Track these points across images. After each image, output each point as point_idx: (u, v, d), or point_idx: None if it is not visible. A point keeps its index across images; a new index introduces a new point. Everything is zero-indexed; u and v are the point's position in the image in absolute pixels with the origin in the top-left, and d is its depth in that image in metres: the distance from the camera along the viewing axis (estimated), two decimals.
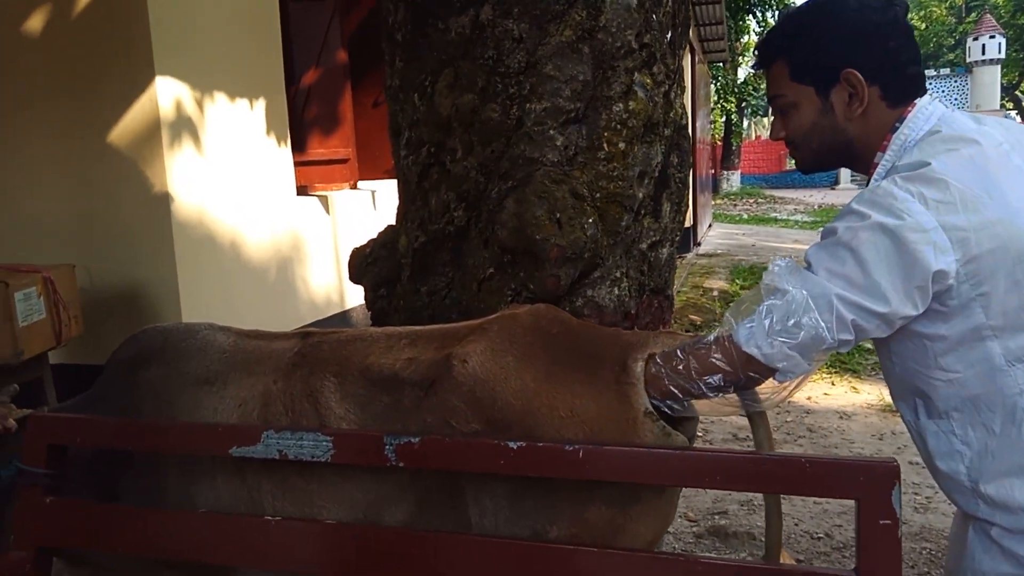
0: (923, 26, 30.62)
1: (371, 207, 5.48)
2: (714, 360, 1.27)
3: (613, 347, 1.43)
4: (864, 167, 1.33)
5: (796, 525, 3.22)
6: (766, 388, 1.33)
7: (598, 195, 1.78)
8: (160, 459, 1.61)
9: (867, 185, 1.29)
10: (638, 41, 1.79)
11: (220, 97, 3.95)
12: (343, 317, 5.14)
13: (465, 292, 1.86)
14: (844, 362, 5.54)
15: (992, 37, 23.64)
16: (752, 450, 1.31)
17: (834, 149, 1.35)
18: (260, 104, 4.28)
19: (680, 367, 1.31)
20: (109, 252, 3.65)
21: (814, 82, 1.31)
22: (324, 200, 4.96)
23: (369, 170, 5.32)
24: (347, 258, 4.85)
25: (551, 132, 1.76)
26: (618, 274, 1.87)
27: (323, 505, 1.46)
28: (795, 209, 18.56)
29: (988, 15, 24.88)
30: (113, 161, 3.54)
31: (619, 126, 1.79)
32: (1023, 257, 1.11)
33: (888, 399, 4.55)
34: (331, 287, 5.05)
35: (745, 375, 1.25)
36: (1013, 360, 1.14)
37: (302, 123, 4.70)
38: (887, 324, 1.17)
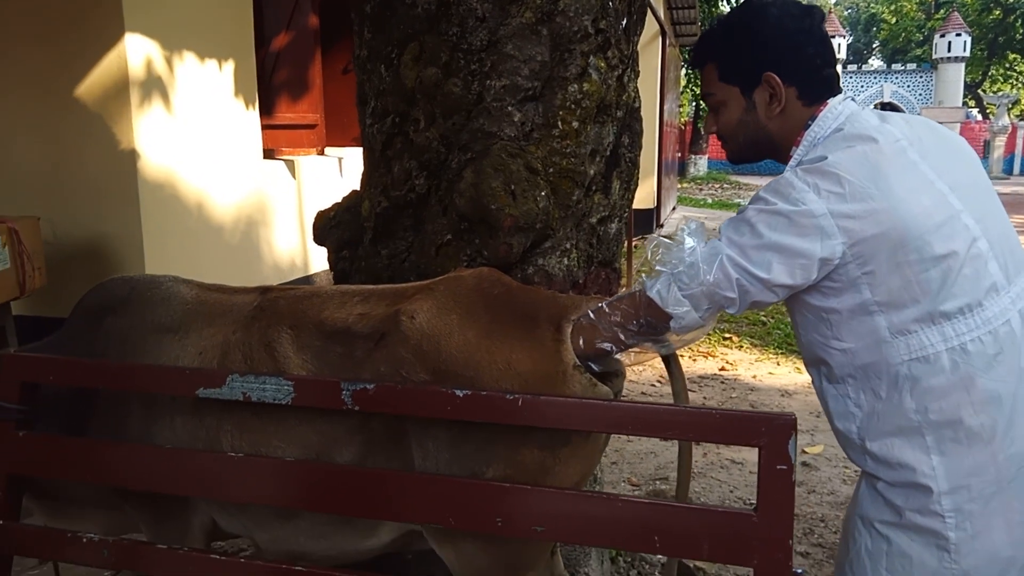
0: (893, 20, 31.11)
1: (338, 173, 5.53)
2: (624, 308, 1.44)
3: (548, 309, 1.56)
4: (783, 159, 1.48)
5: (731, 492, 3.42)
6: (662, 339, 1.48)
7: (551, 170, 1.90)
8: (123, 400, 1.71)
9: None
10: (594, 26, 1.90)
11: (189, 56, 3.97)
12: (306, 281, 5.21)
13: (423, 256, 1.97)
14: (790, 344, 5.77)
15: (958, 35, 24.15)
16: (671, 403, 1.45)
17: (757, 143, 1.50)
18: (229, 66, 4.31)
19: (597, 318, 1.47)
20: (74, 206, 3.68)
21: (739, 83, 1.45)
22: (290, 164, 5.00)
23: (337, 137, 5.37)
24: (312, 222, 4.91)
25: (509, 108, 1.87)
26: (568, 245, 2.00)
27: (279, 445, 1.58)
28: (745, 195, 18.86)
29: (956, 13, 25.36)
30: (81, 116, 3.56)
31: (573, 106, 1.90)
32: (903, 242, 1.25)
33: None
34: (295, 251, 5.11)
35: (646, 319, 1.41)
36: (896, 333, 1.29)
37: (271, 87, 4.73)
38: (768, 290, 1.32)
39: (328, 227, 2.22)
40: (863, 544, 1.38)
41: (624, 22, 2.00)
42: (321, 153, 5.43)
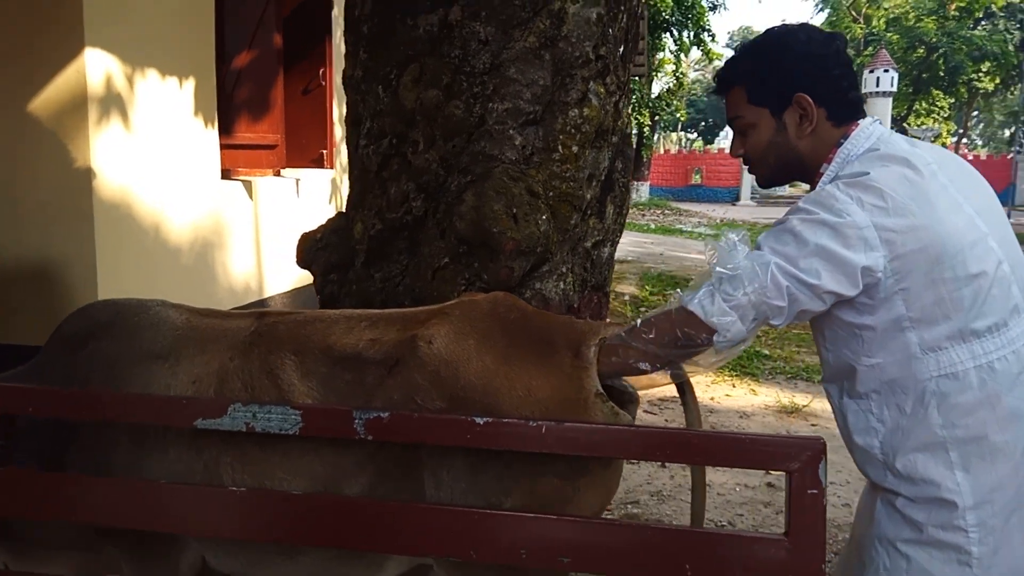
0: None
1: (295, 195, 5.43)
2: (659, 325, 1.41)
3: (566, 334, 1.54)
4: (810, 179, 1.50)
5: (739, 516, 3.43)
6: (697, 359, 1.46)
7: (551, 194, 1.89)
8: (109, 432, 1.61)
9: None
10: (595, 52, 1.91)
11: (150, 73, 3.85)
12: (261, 305, 5.07)
13: (419, 280, 1.93)
14: (744, 366, 5.87)
15: (886, 71, 25.29)
16: (702, 429, 1.44)
17: (788, 164, 1.52)
18: (189, 83, 4.19)
19: (631, 338, 1.44)
20: (25, 227, 3.50)
21: (769, 104, 1.47)
22: (248, 185, 4.88)
23: (296, 158, 5.27)
24: (267, 245, 4.76)
25: (511, 132, 1.86)
26: (564, 269, 1.99)
27: (284, 478, 1.50)
28: (699, 222, 19.32)
29: (884, 50, 26.56)
30: (36, 132, 3.41)
31: (573, 130, 1.90)
32: (940, 259, 1.29)
33: (784, 401, 4.88)
34: (250, 274, 4.98)
35: (685, 334, 1.38)
36: (927, 349, 1.32)
37: (231, 105, 4.61)
38: (817, 297, 1.32)
39: (314, 249, 2.16)
40: (881, 564, 1.39)
41: (621, 49, 2.02)
42: (277, 174, 5.32)
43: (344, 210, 2.24)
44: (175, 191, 4.10)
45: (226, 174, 4.70)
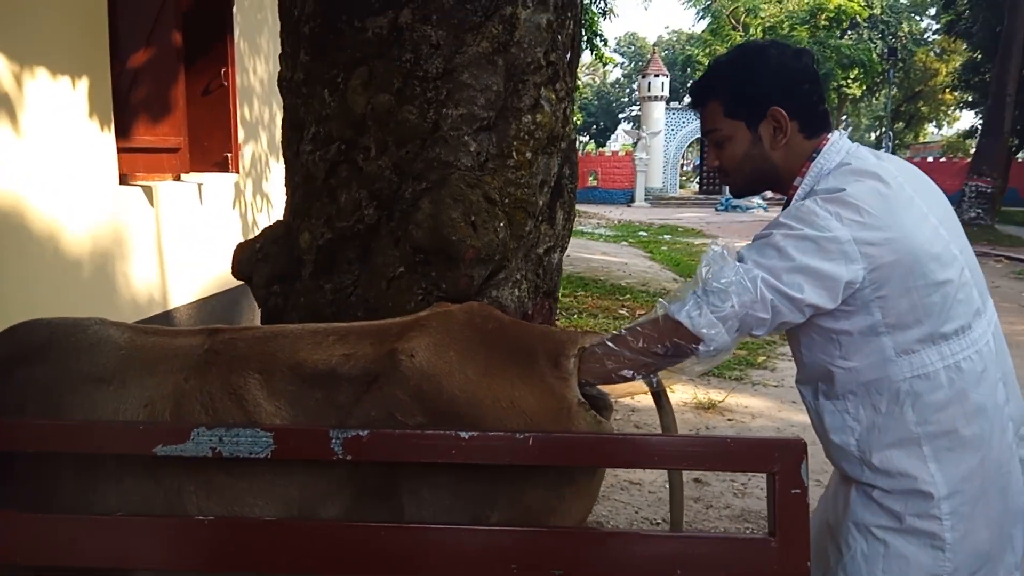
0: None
1: (198, 201, 5.17)
2: (646, 334, 1.43)
3: (545, 343, 1.52)
4: (784, 189, 1.56)
5: (637, 512, 3.49)
6: (681, 366, 1.48)
7: (507, 200, 1.88)
8: (50, 463, 1.48)
9: (785, 206, 1.53)
10: (546, 58, 1.91)
11: (40, 72, 3.58)
12: (166, 317, 4.80)
13: (372, 290, 1.87)
14: None
15: (656, 76, 26.84)
16: (686, 434, 1.46)
17: (763, 174, 1.57)
18: (82, 83, 3.91)
19: (616, 346, 1.45)
20: None
21: (745, 117, 1.52)
22: (148, 191, 4.61)
23: (198, 161, 5.01)
24: (171, 255, 4.54)
25: (465, 138, 1.83)
26: (518, 276, 1.98)
27: (255, 503, 1.42)
28: (599, 223, 19.72)
29: (658, 57, 28.24)
30: None
31: (527, 136, 1.89)
32: (913, 268, 1.36)
33: (700, 397, 5.03)
34: (153, 285, 4.70)
35: (672, 343, 1.41)
36: (900, 352, 1.39)
37: (128, 107, 4.34)
38: (799, 310, 1.38)
39: (253, 260, 2.06)
40: (858, 548, 1.45)
41: (568, 55, 2.02)
42: (178, 179, 5.05)
43: (282, 218, 2.14)
44: (71, 199, 3.82)
45: (124, 179, 4.42)
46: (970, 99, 29.13)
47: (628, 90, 53.01)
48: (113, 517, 1.40)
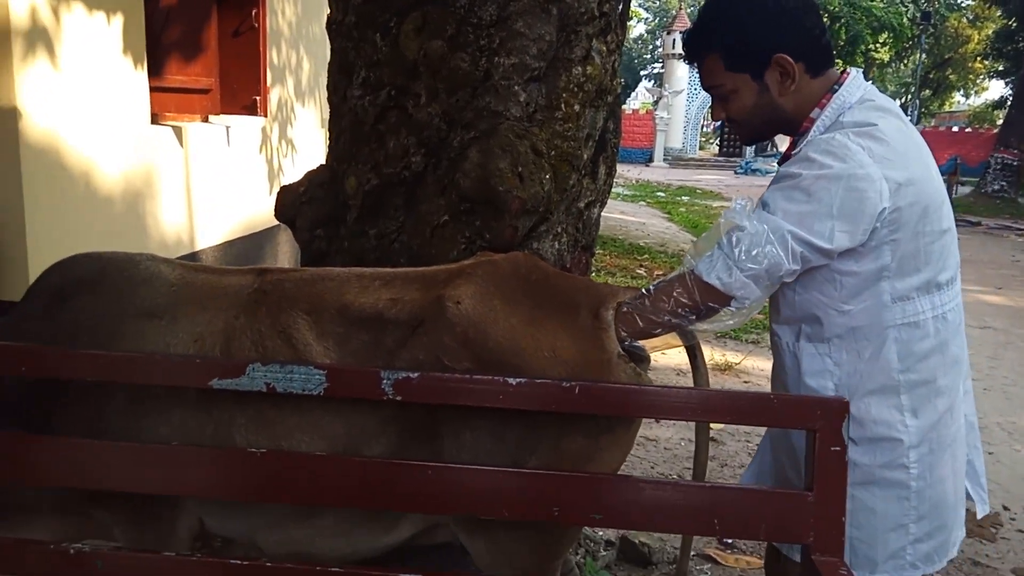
0: None
1: (225, 143, 5.17)
2: (676, 295, 1.44)
3: (587, 295, 1.55)
4: (795, 129, 1.52)
5: (652, 468, 3.55)
6: (714, 318, 1.49)
7: (553, 153, 1.88)
8: (102, 392, 1.52)
9: (798, 139, 1.49)
10: (599, 9, 1.89)
11: (76, 7, 3.56)
12: (192, 258, 4.85)
13: (416, 237, 1.89)
14: None
15: (682, 34, 26.22)
16: (728, 389, 1.48)
17: (773, 121, 1.53)
18: (117, 20, 3.90)
19: (648, 304, 1.46)
20: None
21: (749, 70, 1.47)
22: (178, 131, 4.62)
23: (227, 104, 5.01)
24: (198, 196, 4.55)
25: (516, 88, 1.83)
26: (559, 229, 1.99)
27: (302, 439, 1.46)
28: (616, 181, 19.56)
29: (683, 12, 27.58)
30: None
31: (576, 89, 1.89)
32: (926, 213, 1.36)
33: (717, 358, 5.06)
34: (181, 226, 4.74)
35: (705, 304, 1.42)
36: (897, 298, 1.40)
37: (160, 46, 4.32)
38: (828, 257, 1.38)
39: (297, 203, 2.08)
40: None
41: (620, 7, 2.00)
42: (206, 120, 5.05)
43: (325, 162, 2.15)
44: (104, 135, 3.84)
45: (155, 119, 4.43)
46: (1001, 68, 28.48)
47: (651, 47, 52.08)
48: (160, 445, 1.45)
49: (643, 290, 1.49)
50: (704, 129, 37.83)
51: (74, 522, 1.66)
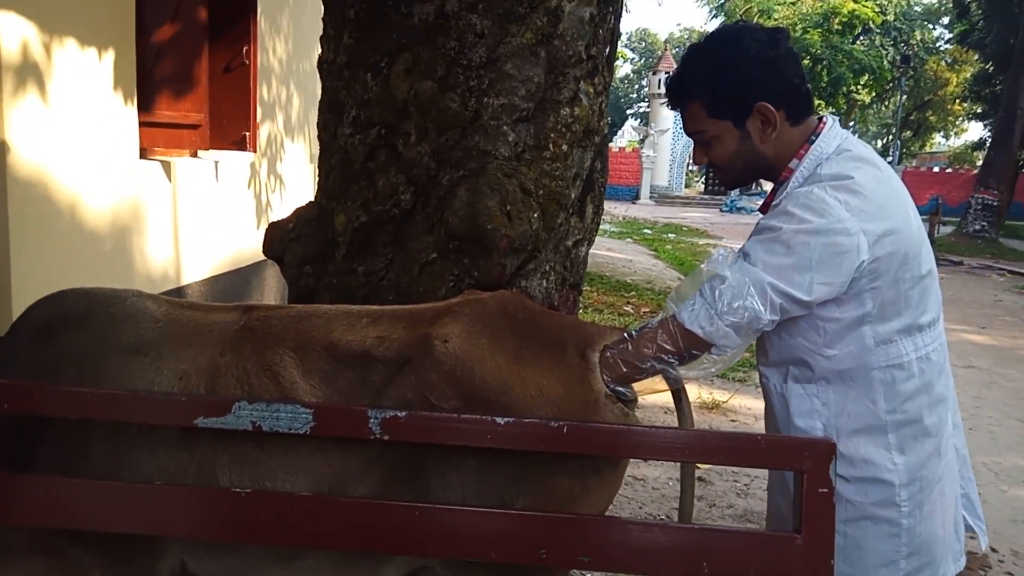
0: None
1: (214, 179, 5.18)
2: (660, 341, 1.46)
3: (574, 335, 1.55)
4: (776, 176, 1.55)
5: (640, 508, 3.52)
6: (695, 364, 1.51)
7: (541, 192, 1.90)
8: (83, 430, 1.50)
9: (777, 188, 1.53)
10: (587, 52, 1.93)
11: (68, 42, 3.58)
12: (178, 293, 4.82)
13: (405, 275, 1.89)
14: None
15: (668, 75, 26.79)
16: (716, 429, 1.48)
17: (754, 167, 1.57)
18: (108, 55, 3.92)
19: (631, 349, 1.47)
20: None
21: (731, 116, 1.51)
22: (167, 166, 4.62)
23: (216, 139, 5.02)
24: (185, 231, 4.54)
25: (504, 128, 1.85)
26: (547, 267, 2.00)
27: (286, 479, 1.45)
28: (602, 220, 19.71)
29: (669, 54, 28.18)
30: None
31: (564, 129, 1.91)
32: (905, 260, 1.39)
33: (704, 397, 5.06)
34: (168, 260, 4.72)
35: (688, 351, 1.44)
36: (880, 342, 1.42)
37: (151, 81, 4.35)
38: (806, 308, 1.41)
39: (286, 240, 2.08)
40: None
41: (608, 50, 2.04)
42: (195, 155, 5.06)
43: (314, 199, 2.16)
44: (92, 170, 3.84)
45: (144, 153, 4.44)
46: (979, 111, 29.10)
47: (637, 86, 52.88)
48: (142, 485, 1.42)
49: (625, 334, 1.50)
50: (690, 167, 38.34)
51: (53, 563, 1.63)
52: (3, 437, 1.52)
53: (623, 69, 53.06)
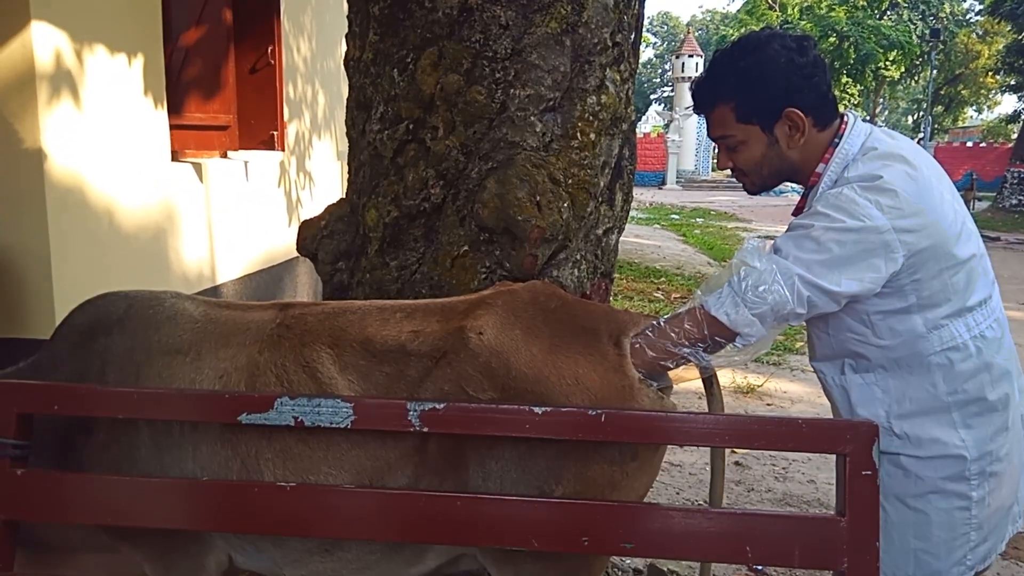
0: None
1: (244, 178, 5.24)
2: (686, 328, 1.47)
3: (607, 323, 1.55)
4: (804, 180, 1.56)
5: (678, 494, 3.52)
6: (722, 353, 1.52)
7: (570, 181, 1.89)
8: (128, 429, 1.54)
9: (807, 193, 1.54)
10: (612, 39, 1.92)
11: (98, 49, 3.65)
12: (213, 292, 4.90)
13: (437, 268, 1.91)
14: None
15: (691, 57, 26.38)
16: (758, 414, 1.48)
17: (780, 172, 1.58)
18: (137, 60, 3.98)
19: (658, 336, 1.49)
20: None
21: (759, 121, 1.51)
22: (198, 167, 4.69)
23: (245, 139, 5.08)
24: (218, 231, 4.60)
25: (532, 118, 1.85)
26: (578, 256, 2.00)
27: (329, 472, 1.47)
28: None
29: (692, 37, 27.78)
30: None
31: (591, 118, 1.91)
32: (944, 251, 1.39)
33: (739, 381, 5.02)
34: (203, 260, 4.79)
35: (712, 339, 1.46)
36: (931, 328, 1.43)
37: (179, 84, 4.41)
38: (835, 302, 1.42)
39: (319, 237, 2.10)
40: (887, 519, 1.49)
41: (633, 36, 2.03)
42: (224, 156, 5.13)
43: (345, 196, 2.18)
44: (126, 174, 3.90)
45: (175, 156, 4.51)
46: (1013, 83, 28.40)
47: (660, 70, 52.42)
48: (188, 481, 1.46)
49: (654, 322, 1.51)
50: (715, 150, 37.92)
51: (106, 559, 1.68)
52: (54, 438, 1.56)
53: (646, 54, 52.66)
